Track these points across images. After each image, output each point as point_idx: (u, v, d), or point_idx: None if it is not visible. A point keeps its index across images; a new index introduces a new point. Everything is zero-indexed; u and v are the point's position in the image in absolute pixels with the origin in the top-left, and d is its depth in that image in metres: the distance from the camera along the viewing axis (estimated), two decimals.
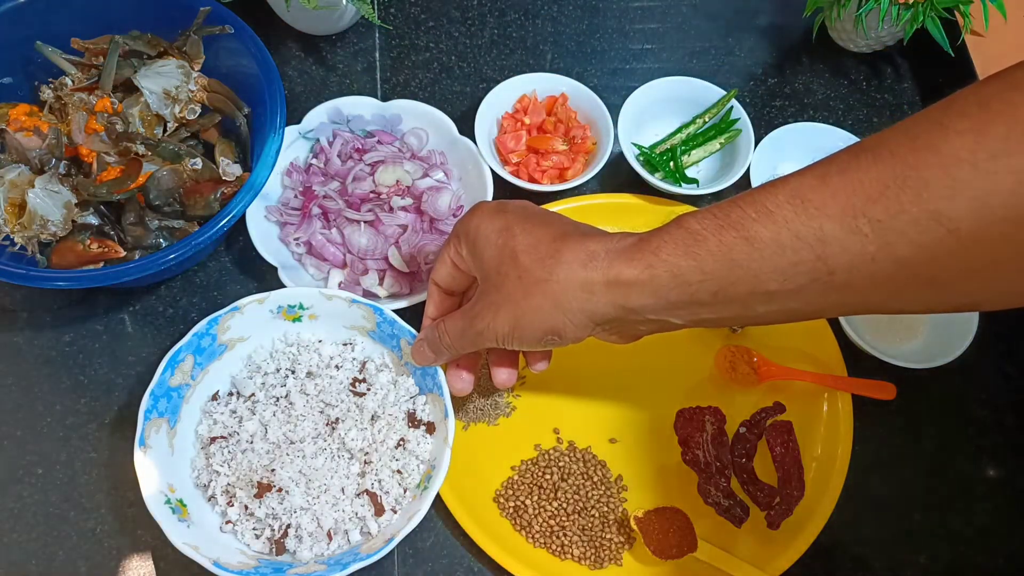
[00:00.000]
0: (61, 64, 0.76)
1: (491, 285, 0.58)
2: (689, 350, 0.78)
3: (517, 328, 0.57)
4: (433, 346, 0.65)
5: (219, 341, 0.70)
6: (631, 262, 0.53)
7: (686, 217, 0.52)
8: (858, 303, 0.50)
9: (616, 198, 0.82)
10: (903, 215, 0.43)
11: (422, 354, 0.66)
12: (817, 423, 0.74)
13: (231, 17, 0.75)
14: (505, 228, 0.58)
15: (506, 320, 0.57)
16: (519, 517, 0.70)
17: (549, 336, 0.57)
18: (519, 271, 0.56)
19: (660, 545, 0.67)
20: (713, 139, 0.84)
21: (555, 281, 0.55)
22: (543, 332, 0.57)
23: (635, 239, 0.54)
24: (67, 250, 0.70)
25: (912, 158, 0.43)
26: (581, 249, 0.55)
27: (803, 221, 0.47)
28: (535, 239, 0.57)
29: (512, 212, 0.59)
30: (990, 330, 0.75)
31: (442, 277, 0.65)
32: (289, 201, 0.78)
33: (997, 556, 0.72)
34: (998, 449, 0.76)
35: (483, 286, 0.60)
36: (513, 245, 0.57)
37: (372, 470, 0.67)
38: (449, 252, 0.63)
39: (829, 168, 0.47)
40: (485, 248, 0.59)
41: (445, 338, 0.63)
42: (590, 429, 0.74)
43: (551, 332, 0.57)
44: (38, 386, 0.74)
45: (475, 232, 0.59)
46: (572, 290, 0.55)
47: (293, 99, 0.86)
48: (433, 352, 0.65)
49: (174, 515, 0.63)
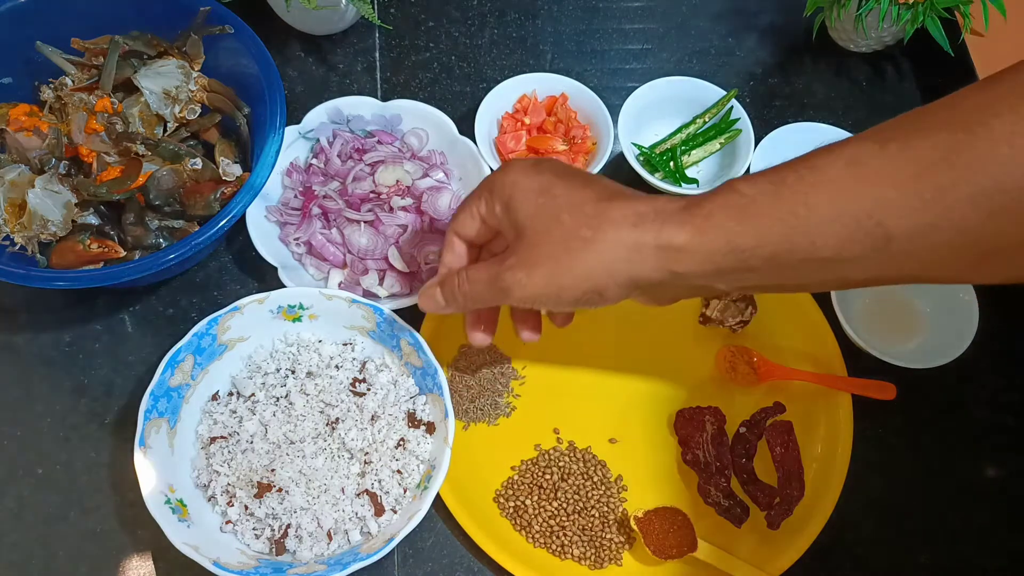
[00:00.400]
0: (61, 64, 0.76)
1: (527, 243, 0.56)
2: (689, 350, 0.78)
3: (554, 286, 0.56)
4: (448, 293, 0.62)
5: (219, 341, 0.70)
6: (682, 226, 0.51)
7: (737, 182, 0.51)
8: (915, 272, 0.49)
9: None
10: (965, 184, 0.43)
11: (431, 299, 0.64)
12: (817, 423, 0.74)
13: (231, 17, 0.75)
14: (545, 187, 0.56)
15: (542, 278, 0.56)
16: (519, 517, 0.70)
17: (589, 295, 0.56)
18: (563, 229, 0.55)
19: (660, 545, 0.67)
20: (713, 139, 0.84)
21: (603, 241, 0.53)
22: (583, 292, 0.55)
23: (684, 202, 0.53)
24: (67, 250, 0.70)
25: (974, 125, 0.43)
26: (630, 209, 0.53)
27: (863, 188, 0.46)
28: (579, 199, 0.55)
29: (550, 170, 0.58)
30: (990, 330, 0.75)
31: (465, 229, 0.62)
32: (289, 201, 0.78)
33: (997, 556, 0.72)
34: (998, 449, 0.76)
35: (516, 244, 0.58)
36: (555, 204, 0.55)
37: (372, 470, 0.67)
38: (478, 206, 0.61)
39: (888, 134, 0.47)
40: (522, 206, 0.57)
41: (464, 286, 0.61)
42: (590, 429, 0.74)
43: (593, 292, 0.55)
44: (38, 386, 0.74)
45: (511, 188, 0.58)
46: (620, 251, 0.53)
47: (293, 99, 0.86)
48: (445, 299, 0.63)
49: (174, 515, 0.63)
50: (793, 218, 0.48)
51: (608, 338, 0.78)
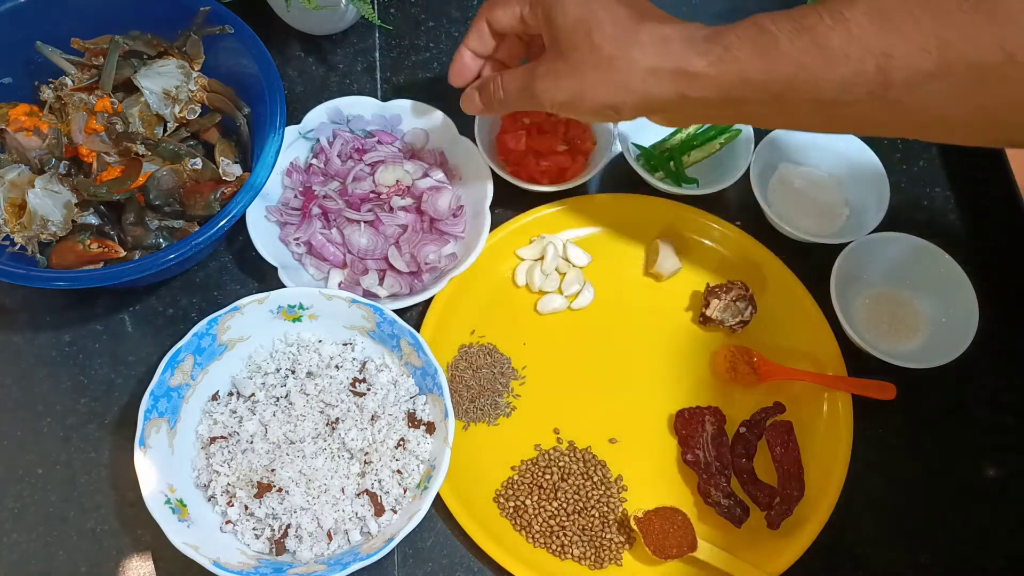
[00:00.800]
0: (61, 64, 0.76)
1: (558, 52, 0.61)
2: (689, 350, 0.78)
3: (577, 98, 0.60)
4: (485, 98, 0.67)
5: (219, 341, 0.70)
6: (703, 54, 0.55)
7: (762, 18, 0.54)
8: (908, 123, 0.53)
9: (616, 198, 0.82)
10: (970, 39, 0.46)
11: (472, 102, 0.69)
12: (817, 423, 0.74)
13: (231, 17, 0.75)
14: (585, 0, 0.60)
15: (568, 88, 0.60)
16: (519, 517, 0.70)
17: (607, 111, 0.60)
18: (591, 45, 0.58)
19: (660, 545, 0.67)
20: (713, 139, 0.84)
21: (626, 60, 0.57)
22: (602, 106, 0.60)
23: (709, 31, 0.56)
24: (67, 250, 0.70)
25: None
26: (657, 33, 0.57)
27: (877, 35, 0.49)
28: (613, 16, 0.58)
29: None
30: (990, 330, 0.75)
31: (501, 22, 0.66)
32: (289, 201, 0.78)
33: (997, 556, 0.72)
34: (998, 449, 0.76)
35: (550, 51, 0.62)
36: (590, 19, 0.59)
37: (372, 470, 0.67)
38: (522, 6, 0.64)
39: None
40: (561, 15, 0.60)
41: (500, 92, 0.65)
42: (590, 429, 0.74)
43: (610, 107, 0.60)
44: (38, 386, 0.74)
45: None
46: (641, 72, 0.57)
47: (293, 99, 0.86)
48: (483, 104, 0.68)
49: (174, 515, 0.63)
50: (805, 58, 0.51)
51: (608, 338, 0.78)
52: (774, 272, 0.79)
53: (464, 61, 0.70)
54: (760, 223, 0.82)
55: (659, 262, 0.79)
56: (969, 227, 0.86)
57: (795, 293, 0.78)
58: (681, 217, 0.82)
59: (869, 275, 0.79)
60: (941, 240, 0.78)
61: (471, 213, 0.78)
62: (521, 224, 0.80)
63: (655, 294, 0.80)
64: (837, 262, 0.76)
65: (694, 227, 0.82)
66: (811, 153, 0.84)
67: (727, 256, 0.81)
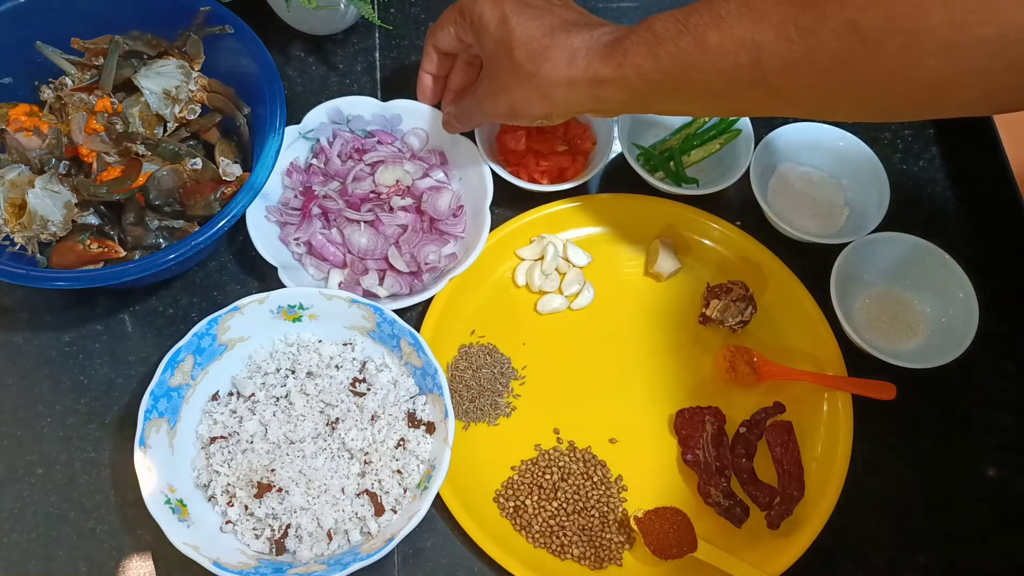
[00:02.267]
0: (61, 64, 0.76)
1: (491, 71, 0.68)
2: (689, 350, 0.78)
3: (513, 112, 0.68)
4: (457, 120, 0.76)
5: (219, 341, 0.70)
6: (606, 62, 0.61)
7: (654, 19, 0.59)
8: (791, 106, 0.57)
9: (616, 198, 0.82)
10: (826, 23, 0.49)
11: (451, 125, 0.77)
12: (817, 423, 0.74)
13: (231, 17, 0.75)
14: (503, 19, 0.66)
15: (505, 103, 0.68)
16: (519, 517, 0.70)
17: (540, 120, 0.68)
18: (513, 65, 0.65)
19: (660, 545, 0.67)
20: (713, 139, 0.84)
21: (542, 76, 0.64)
22: (534, 116, 0.68)
23: (611, 38, 0.62)
24: (67, 250, 0.70)
25: None
26: (566, 47, 0.63)
27: (745, 27, 0.53)
28: (528, 33, 0.64)
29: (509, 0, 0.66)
30: (990, 330, 0.75)
31: (441, 42, 0.74)
32: (289, 201, 0.78)
33: (997, 556, 0.72)
34: (998, 449, 0.76)
35: (486, 69, 0.70)
36: (509, 39, 0.65)
37: (372, 470, 0.67)
38: (454, 25, 0.71)
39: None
40: (485, 36, 0.67)
41: (462, 116, 0.75)
42: (590, 429, 0.74)
43: (542, 116, 0.67)
44: (38, 386, 0.74)
45: (478, 19, 0.67)
46: (556, 85, 0.64)
47: (293, 99, 0.86)
48: (458, 123, 0.77)
49: (174, 515, 0.63)
50: (689, 56, 0.56)
51: (608, 338, 0.78)
52: (774, 272, 0.79)
53: (425, 83, 0.79)
54: (760, 223, 0.82)
55: (659, 262, 0.79)
56: (969, 227, 0.86)
57: (795, 293, 0.78)
58: (681, 217, 0.82)
59: (869, 275, 0.79)
60: (941, 240, 0.78)
61: (471, 213, 0.78)
62: (521, 224, 0.80)
63: (655, 294, 0.80)
64: (837, 262, 0.76)
65: (694, 227, 0.82)
66: (811, 153, 0.84)
67: (727, 256, 0.81)
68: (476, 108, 0.72)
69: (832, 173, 0.84)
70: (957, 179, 0.88)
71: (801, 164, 0.85)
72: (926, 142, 0.89)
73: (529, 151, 0.82)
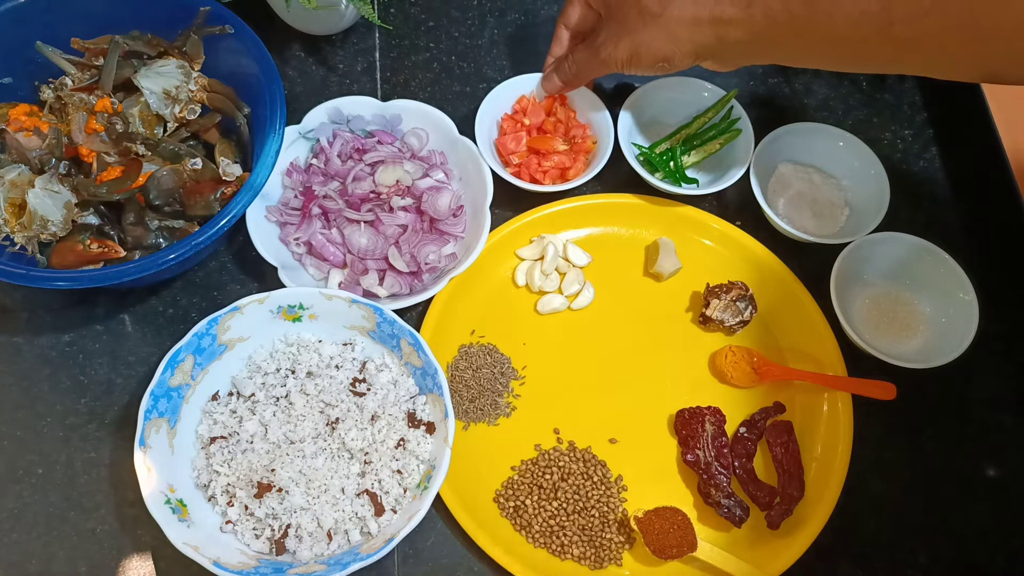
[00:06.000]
0: (61, 64, 0.76)
1: (613, 19, 0.71)
2: (689, 350, 0.78)
3: (635, 56, 0.70)
4: (562, 74, 0.78)
5: (219, 341, 0.70)
6: (733, 2, 0.64)
7: None
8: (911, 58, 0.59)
9: (616, 198, 0.82)
10: None
11: (552, 82, 0.80)
12: (817, 423, 0.74)
13: (231, 17, 0.75)
14: None
15: (626, 48, 0.70)
16: (519, 517, 0.70)
17: (660, 63, 0.70)
18: (639, 7, 0.68)
19: (660, 545, 0.67)
20: (713, 139, 0.84)
21: (668, 16, 0.67)
22: (656, 59, 0.69)
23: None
24: (67, 250, 0.70)
25: None
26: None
27: None
28: None
29: None
30: (990, 330, 0.75)
31: (571, 18, 0.77)
32: (289, 201, 0.78)
33: (997, 556, 0.72)
34: (998, 449, 0.76)
35: (606, 20, 0.72)
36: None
37: (372, 470, 0.67)
38: None
39: None
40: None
41: (573, 67, 0.76)
42: (590, 429, 0.74)
43: (663, 59, 0.69)
44: (38, 386, 0.74)
45: None
46: (682, 24, 0.66)
47: (293, 99, 0.86)
48: (562, 80, 0.79)
49: (174, 515, 0.63)
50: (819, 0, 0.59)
51: (608, 338, 0.78)
52: (774, 272, 0.79)
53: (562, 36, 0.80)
54: (760, 223, 0.82)
55: (659, 262, 0.79)
56: (969, 227, 0.86)
57: (795, 293, 0.78)
58: (681, 217, 0.82)
59: (869, 275, 0.79)
60: (941, 240, 0.78)
61: (471, 213, 0.78)
62: (521, 224, 0.80)
63: (655, 294, 0.80)
64: (837, 262, 0.76)
65: (694, 227, 0.82)
66: (811, 153, 0.84)
67: (727, 256, 0.81)
68: (594, 57, 0.73)
69: (832, 173, 0.84)
70: (957, 179, 0.88)
71: (801, 164, 0.85)
72: (926, 142, 0.89)
73: (529, 151, 0.82)
